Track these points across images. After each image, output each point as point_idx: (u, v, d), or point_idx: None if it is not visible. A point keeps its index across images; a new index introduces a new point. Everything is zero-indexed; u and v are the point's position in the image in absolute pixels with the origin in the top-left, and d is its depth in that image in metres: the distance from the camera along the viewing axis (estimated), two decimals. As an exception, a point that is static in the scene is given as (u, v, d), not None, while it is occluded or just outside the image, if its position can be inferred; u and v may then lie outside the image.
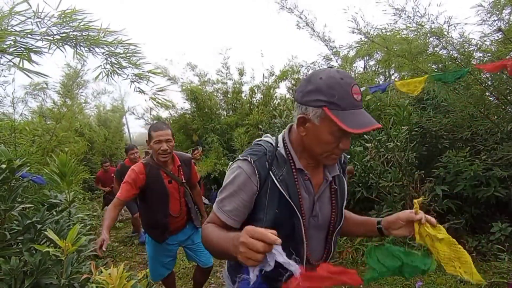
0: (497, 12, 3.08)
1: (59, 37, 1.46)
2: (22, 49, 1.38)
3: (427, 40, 3.46)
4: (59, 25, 1.44)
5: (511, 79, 3.02)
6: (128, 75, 1.79)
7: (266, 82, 7.16)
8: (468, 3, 3.22)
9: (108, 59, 1.68)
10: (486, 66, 2.70)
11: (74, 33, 1.49)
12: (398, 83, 3.17)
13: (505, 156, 3.07)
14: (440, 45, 3.35)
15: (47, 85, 5.27)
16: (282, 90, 8.67)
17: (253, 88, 7.14)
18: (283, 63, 10.26)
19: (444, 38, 3.22)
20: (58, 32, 1.46)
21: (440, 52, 3.43)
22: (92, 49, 1.60)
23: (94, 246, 1.52)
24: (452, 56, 3.30)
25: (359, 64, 6.36)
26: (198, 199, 2.43)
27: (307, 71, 6.15)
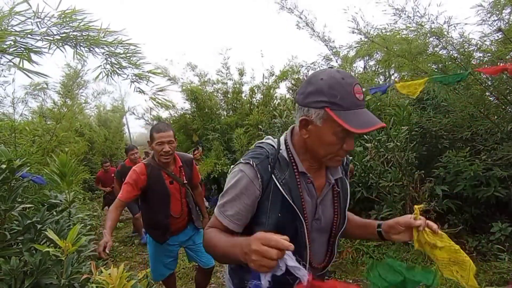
0: (497, 12, 3.08)
1: (59, 37, 1.46)
2: (22, 49, 1.39)
3: (427, 40, 3.46)
4: (59, 25, 1.44)
5: (511, 79, 3.02)
6: (128, 75, 1.79)
7: (266, 82, 7.16)
8: (468, 3, 3.22)
9: (108, 59, 1.68)
10: (486, 69, 2.71)
11: (74, 33, 1.49)
12: (398, 85, 3.18)
13: (505, 156, 3.06)
14: (440, 45, 3.36)
15: (47, 85, 5.26)
16: (282, 90, 8.68)
17: (253, 88, 7.15)
18: (283, 63, 10.27)
19: (444, 38, 3.23)
20: (58, 32, 1.46)
21: (440, 52, 3.43)
22: (92, 49, 1.60)
23: (94, 247, 1.52)
24: (452, 56, 3.30)
25: (359, 64, 6.38)
26: (199, 199, 2.42)
27: (307, 71, 6.16)
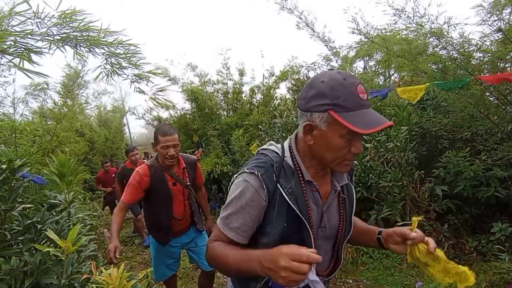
0: (497, 12, 3.08)
1: (59, 38, 1.46)
2: (22, 49, 1.39)
3: (427, 41, 3.46)
4: (59, 26, 1.44)
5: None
6: (128, 76, 1.80)
7: (266, 82, 7.16)
8: (468, 4, 3.22)
9: (108, 59, 1.68)
10: (487, 78, 2.72)
11: (74, 34, 1.49)
12: (399, 89, 3.21)
13: (505, 156, 3.06)
14: (440, 46, 3.35)
15: (48, 85, 5.26)
16: (282, 91, 8.69)
17: (253, 88, 7.15)
18: (283, 63, 10.27)
19: (444, 39, 3.23)
20: (58, 33, 1.46)
21: (440, 52, 3.43)
22: (92, 50, 1.60)
23: (94, 246, 1.53)
24: (452, 56, 3.30)
25: (359, 65, 6.36)
26: (203, 201, 2.40)
27: (307, 72, 6.15)
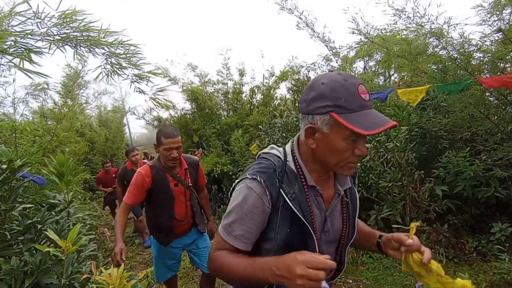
0: (497, 12, 3.08)
1: (59, 38, 1.47)
2: (23, 49, 1.39)
3: (427, 41, 3.46)
4: (59, 26, 1.45)
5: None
6: (128, 76, 1.80)
7: (266, 82, 7.17)
8: (468, 4, 3.22)
9: (108, 59, 1.69)
10: (486, 80, 2.71)
11: (74, 34, 1.49)
12: (400, 91, 3.21)
13: (505, 157, 3.06)
14: (440, 46, 3.35)
15: (48, 85, 5.27)
16: (282, 91, 8.70)
17: (254, 88, 7.16)
18: (283, 63, 10.28)
19: (444, 39, 3.22)
20: (58, 33, 1.47)
21: (440, 53, 3.43)
22: (92, 50, 1.61)
23: (94, 246, 1.53)
24: (452, 57, 3.30)
25: (359, 65, 6.36)
26: (204, 202, 2.40)
27: (307, 72, 6.14)
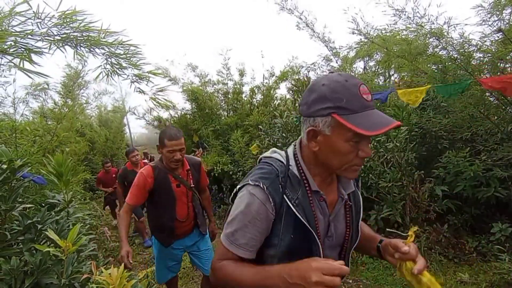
0: (497, 13, 3.08)
1: (59, 38, 1.47)
2: (23, 49, 1.39)
3: (427, 41, 3.46)
4: (60, 26, 1.45)
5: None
6: (128, 76, 1.80)
7: (266, 82, 7.18)
8: (468, 4, 3.22)
9: (108, 59, 1.69)
10: (487, 80, 2.71)
11: (75, 34, 1.50)
12: (400, 91, 3.21)
13: (505, 157, 3.06)
14: (440, 46, 3.36)
15: (48, 85, 5.27)
16: (282, 91, 8.69)
17: (254, 88, 7.16)
18: (283, 63, 10.28)
19: (444, 39, 3.23)
20: (59, 33, 1.47)
21: (440, 53, 3.43)
22: (92, 50, 1.61)
23: (94, 246, 1.53)
24: (452, 57, 3.30)
25: (359, 65, 6.35)
26: (206, 203, 2.39)
27: (307, 72, 6.14)
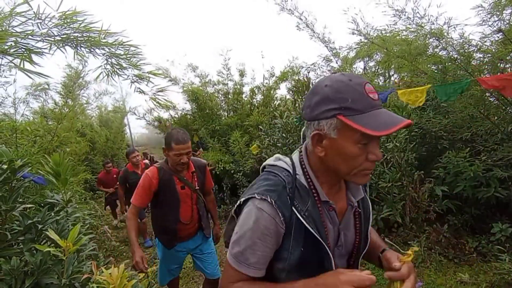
0: (498, 13, 3.08)
1: (59, 38, 1.47)
2: (23, 50, 1.40)
3: (427, 41, 3.46)
4: (60, 27, 1.45)
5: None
6: (128, 76, 1.81)
7: (266, 83, 7.18)
8: (468, 4, 3.22)
9: (109, 60, 1.69)
10: (487, 79, 2.71)
11: (75, 34, 1.50)
12: (400, 92, 3.21)
13: (506, 157, 3.06)
14: (440, 46, 3.36)
15: (49, 85, 5.28)
16: (282, 91, 8.70)
17: (254, 89, 7.17)
18: (283, 64, 10.28)
19: (444, 39, 3.23)
20: (59, 33, 1.47)
21: (440, 53, 3.43)
22: (92, 50, 1.61)
23: (94, 246, 1.53)
24: (452, 57, 3.30)
25: (359, 65, 6.34)
26: (211, 206, 2.38)
27: (307, 73, 6.14)
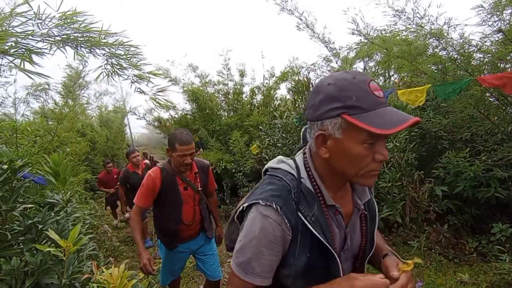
0: (498, 13, 3.08)
1: (60, 39, 1.47)
2: (23, 50, 1.40)
3: (427, 41, 3.46)
4: (60, 27, 1.45)
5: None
6: (128, 76, 1.81)
7: (266, 83, 7.19)
8: (468, 4, 3.22)
9: (109, 60, 1.69)
10: (488, 77, 2.71)
11: (75, 35, 1.50)
12: (400, 92, 3.21)
13: (506, 157, 3.06)
14: (440, 46, 3.36)
15: (49, 86, 5.29)
16: (282, 91, 8.71)
17: (254, 89, 7.17)
18: (283, 64, 10.29)
19: (444, 39, 3.23)
20: (59, 34, 1.47)
21: (440, 53, 3.43)
22: (92, 51, 1.61)
23: (94, 245, 1.53)
24: (452, 57, 3.31)
25: (359, 66, 6.35)
26: (213, 207, 2.38)
27: (308, 73, 6.14)
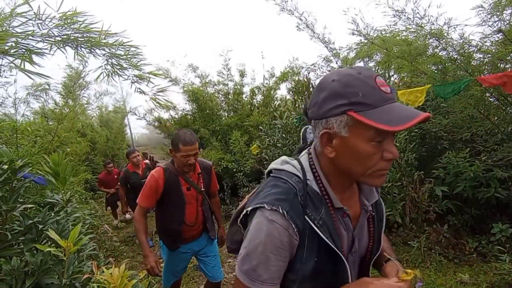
0: (498, 13, 3.08)
1: (60, 39, 1.48)
2: (24, 50, 1.40)
3: (427, 42, 3.46)
4: (60, 27, 1.46)
5: None
6: (128, 76, 1.81)
7: (266, 83, 7.19)
8: (468, 5, 3.22)
9: (109, 60, 1.69)
10: (488, 77, 2.71)
11: (75, 35, 1.50)
12: (400, 92, 3.22)
13: (506, 157, 3.06)
14: (440, 47, 3.36)
15: (49, 86, 5.28)
16: (282, 92, 8.72)
17: (254, 89, 7.18)
18: (283, 64, 10.29)
19: (444, 40, 3.23)
20: (59, 34, 1.48)
21: (440, 54, 3.43)
22: (93, 51, 1.62)
23: (94, 245, 1.53)
24: (452, 57, 3.31)
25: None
26: (216, 208, 2.37)
27: (308, 73, 6.14)
